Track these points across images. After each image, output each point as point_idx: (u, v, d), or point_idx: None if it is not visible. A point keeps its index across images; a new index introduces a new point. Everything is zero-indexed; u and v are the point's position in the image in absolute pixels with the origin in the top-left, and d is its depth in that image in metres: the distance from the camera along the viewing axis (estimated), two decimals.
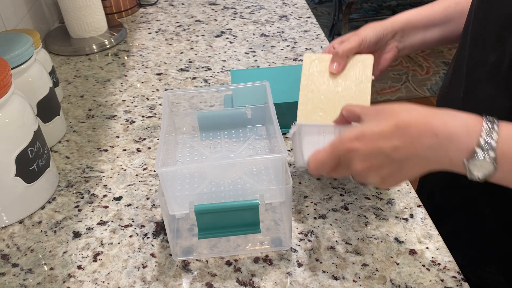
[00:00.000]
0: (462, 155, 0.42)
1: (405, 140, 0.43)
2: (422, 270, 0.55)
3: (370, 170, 0.46)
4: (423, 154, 0.43)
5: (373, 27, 0.66)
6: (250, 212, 0.53)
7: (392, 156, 0.44)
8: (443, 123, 0.42)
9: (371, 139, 0.45)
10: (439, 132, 0.42)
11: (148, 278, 0.56)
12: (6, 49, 0.69)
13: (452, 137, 0.42)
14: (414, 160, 0.44)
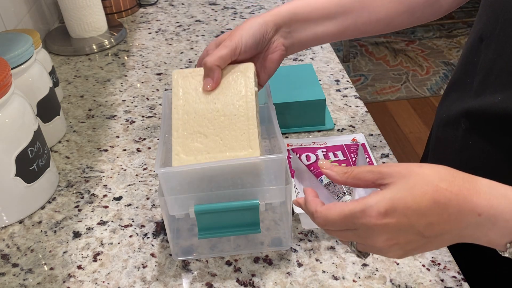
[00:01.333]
0: (506, 238, 0.37)
1: (442, 218, 0.37)
2: (422, 270, 0.55)
3: (394, 246, 0.39)
4: (459, 232, 0.38)
5: (249, 25, 0.56)
6: (250, 212, 0.53)
7: (424, 233, 0.38)
8: (488, 203, 0.37)
9: (404, 215, 0.37)
10: (483, 213, 0.37)
11: (148, 278, 0.56)
12: (6, 49, 0.69)
13: (497, 219, 0.37)
14: (446, 237, 0.39)
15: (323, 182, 0.64)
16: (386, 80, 2.72)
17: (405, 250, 0.40)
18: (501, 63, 0.53)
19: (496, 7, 0.54)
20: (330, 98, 0.88)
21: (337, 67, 0.99)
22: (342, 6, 0.60)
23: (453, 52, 2.93)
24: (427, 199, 0.37)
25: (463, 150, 0.61)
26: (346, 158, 0.67)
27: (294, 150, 0.69)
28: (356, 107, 0.85)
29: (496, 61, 0.53)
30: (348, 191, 0.62)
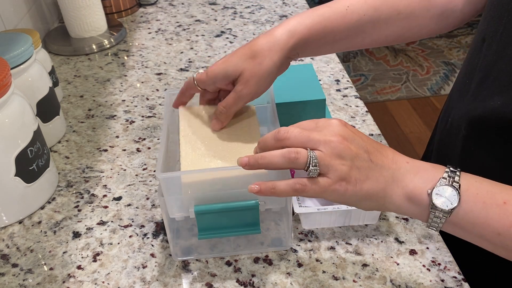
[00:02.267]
0: (427, 185, 0.43)
1: (385, 154, 0.46)
2: (422, 270, 0.55)
3: (345, 151, 0.44)
4: (393, 172, 0.45)
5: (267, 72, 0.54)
6: (250, 212, 0.53)
7: (370, 155, 0.45)
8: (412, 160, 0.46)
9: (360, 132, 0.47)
10: (410, 161, 0.45)
11: (148, 278, 0.56)
12: (6, 49, 0.69)
13: (419, 169, 0.45)
14: (383, 172, 0.45)
15: None
16: (386, 80, 2.72)
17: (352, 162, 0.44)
18: (500, 65, 0.52)
19: (500, 7, 0.53)
20: (330, 98, 0.88)
21: (337, 67, 0.99)
22: (354, 28, 0.59)
23: (453, 52, 2.93)
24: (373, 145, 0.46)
25: (464, 157, 0.61)
26: None
27: None
28: (356, 107, 0.85)
29: (496, 62, 0.53)
30: None
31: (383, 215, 0.63)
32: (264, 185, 0.46)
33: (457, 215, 0.42)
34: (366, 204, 0.45)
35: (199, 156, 0.55)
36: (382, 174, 0.44)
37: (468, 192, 0.42)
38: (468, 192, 0.42)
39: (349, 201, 0.45)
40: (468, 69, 0.60)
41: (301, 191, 0.44)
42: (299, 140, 0.45)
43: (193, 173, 0.52)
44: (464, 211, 0.42)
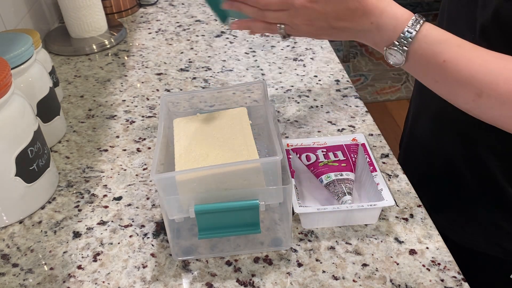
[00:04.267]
0: (384, 43, 0.53)
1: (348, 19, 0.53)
2: (422, 270, 0.55)
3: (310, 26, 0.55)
4: (356, 32, 0.54)
5: None
6: (250, 212, 0.53)
7: (333, 24, 0.54)
8: (380, 15, 0.52)
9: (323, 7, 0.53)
10: (374, 21, 0.52)
11: (148, 278, 0.56)
12: (6, 49, 0.69)
13: (381, 28, 0.52)
14: (347, 33, 0.54)
15: (323, 182, 0.64)
16: (386, 80, 2.72)
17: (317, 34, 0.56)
18: None
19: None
20: (330, 98, 0.88)
21: (337, 67, 0.99)
22: None
23: None
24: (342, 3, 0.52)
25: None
26: (346, 158, 0.67)
27: (294, 150, 0.69)
28: (356, 107, 0.85)
29: None
30: (348, 191, 0.62)
31: (383, 215, 0.63)
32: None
33: (404, 66, 0.53)
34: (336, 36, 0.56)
35: (193, 157, 0.56)
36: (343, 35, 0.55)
37: (415, 54, 0.51)
38: (415, 54, 0.51)
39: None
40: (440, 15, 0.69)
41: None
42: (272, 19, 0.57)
43: (187, 171, 0.52)
44: (410, 65, 0.53)
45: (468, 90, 0.49)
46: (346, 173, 0.65)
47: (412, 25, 0.51)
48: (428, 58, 0.50)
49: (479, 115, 0.51)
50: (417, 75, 0.54)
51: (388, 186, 0.61)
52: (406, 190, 0.67)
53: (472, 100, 0.50)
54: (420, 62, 0.51)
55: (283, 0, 0.54)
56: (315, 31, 0.55)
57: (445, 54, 0.50)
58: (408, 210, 0.63)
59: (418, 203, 0.65)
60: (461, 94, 0.50)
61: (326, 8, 0.53)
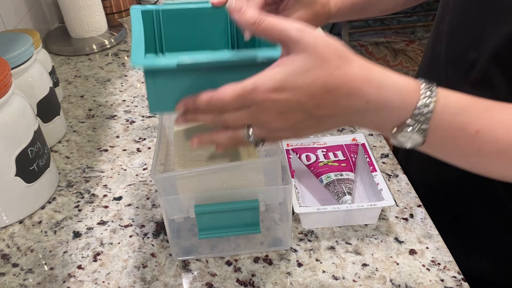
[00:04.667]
0: (392, 124, 0.40)
1: (331, 102, 0.39)
2: (422, 270, 0.55)
3: (284, 123, 0.40)
4: (347, 117, 0.40)
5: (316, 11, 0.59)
6: (250, 212, 0.53)
7: (314, 113, 0.39)
8: (377, 91, 0.38)
9: (293, 94, 0.39)
10: (371, 101, 0.39)
11: (148, 278, 0.56)
12: (6, 49, 0.69)
13: (384, 106, 0.39)
14: (336, 119, 0.41)
15: (323, 182, 0.64)
16: None
17: (296, 129, 0.41)
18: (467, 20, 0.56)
19: None
20: None
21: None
22: None
23: None
24: (317, 84, 0.38)
25: None
26: (346, 158, 0.67)
27: (294, 150, 0.69)
28: None
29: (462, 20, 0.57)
30: (348, 191, 0.62)
31: (383, 215, 0.63)
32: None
33: (422, 147, 0.41)
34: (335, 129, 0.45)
35: (193, 157, 0.56)
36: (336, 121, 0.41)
37: (437, 130, 0.39)
38: (437, 130, 0.39)
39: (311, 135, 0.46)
40: (435, 37, 0.64)
41: None
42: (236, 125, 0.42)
43: (187, 172, 0.52)
44: (431, 145, 0.40)
45: (509, 159, 0.40)
46: (346, 173, 0.65)
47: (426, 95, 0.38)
48: (455, 131, 0.39)
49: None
50: (439, 153, 0.42)
51: (388, 186, 0.61)
52: (406, 190, 0.67)
53: None
54: (444, 138, 0.40)
55: (239, 94, 0.39)
56: (293, 126, 0.41)
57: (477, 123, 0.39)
58: (408, 210, 0.63)
59: (418, 203, 0.65)
60: (499, 165, 0.41)
61: (297, 95, 0.38)
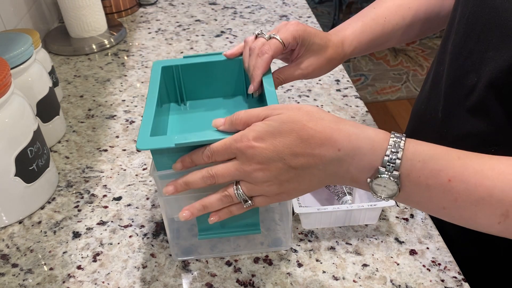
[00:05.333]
0: (365, 173, 0.42)
1: (306, 151, 0.42)
2: (422, 270, 0.55)
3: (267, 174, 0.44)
4: (323, 167, 0.42)
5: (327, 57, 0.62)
6: (250, 212, 0.53)
7: (291, 164, 0.43)
8: (347, 138, 0.41)
9: (271, 143, 0.43)
10: (342, 148, 0.41)
11: (148, 278, 0.56)
12: (6, 49, 0.69)
13: (355, 153, 0.41)
14: (313, 171, 0.43)
15: None
16: (387, 80, 2.72)
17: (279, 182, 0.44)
18: (469, 44, 0.56)
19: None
20: (330, 98, 0.88)
21: (337, 67, 0.99)
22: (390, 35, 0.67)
23: None
24: (293, 134, 0.42)
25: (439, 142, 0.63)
26: None
27: None
28: (356, 107, 0.85)
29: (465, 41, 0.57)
30: (348, 191, 0.62)
31: (383, 215, 0.63)
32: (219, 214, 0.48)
33: (399, 198, 0.42)
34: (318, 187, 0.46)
35: None
36: (314, 175, 0.43)
37: (409, 177, 0.40)
38: (409, 177, 0.40)
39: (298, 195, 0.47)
40: (440, 55, 0.64)
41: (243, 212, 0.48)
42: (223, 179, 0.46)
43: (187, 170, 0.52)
44: (407, 195, 0.42)
45: (489, 211, 0.39)
46: None
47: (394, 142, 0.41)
48: (427, 180, 0.40)
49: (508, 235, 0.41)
50: (420, 205, 0.43)
51: None
52: None
53: (498, 222, 0.40)
54: (419, 187, 0.41)
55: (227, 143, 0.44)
56: (275, 178, 0.44)
57: (449, 171, 0.40)
58: (409, 210, 0.63)
59: None
60: (481, 217, 0.40)
61: (275, 144, 0.42)
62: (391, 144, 0.41)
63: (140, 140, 0.47)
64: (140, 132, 0.49)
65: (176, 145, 0.46)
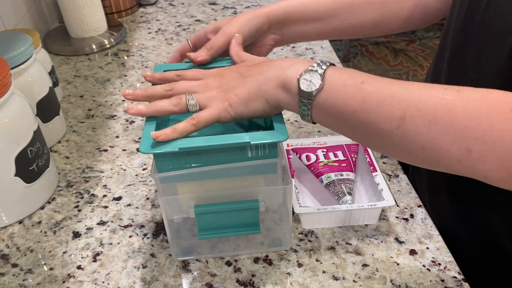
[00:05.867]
0: (298, 72, 0.47)
1: (259, 63, 0.52)
2: (422, 270, 0.55)
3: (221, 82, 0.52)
4: (267, 72, 0.50)
5: (247, 20, 0.62)
6: (250, 212, 0.53)
7: (244, 73, 0.51)
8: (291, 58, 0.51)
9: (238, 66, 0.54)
10: (286, 60, 0.50)
11: (148, 278, 0.56)
12: (6, 49, 0.69)
13: (295, 61, 0.49)
14: (257, 77, 0.50)
15: (323, 182, 0.64)
16: None
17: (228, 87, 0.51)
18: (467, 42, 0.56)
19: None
20: None
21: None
22: (331, 9, 0.66)
23: None
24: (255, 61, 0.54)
25: None
26: (346, 158, 0.67)
27: (294, 150, 0.69)
28: None
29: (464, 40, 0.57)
30: (348, 191, 0.62)
31: (383, 215, 0.63)
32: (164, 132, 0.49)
33: (320, 97, 0.46)
34: (254, 106, 0.50)
35: None
36: (257, 79, 0.50)
37: (331, 77, 0.46)
38: (331, 77, 0.46)
39: (240, 110, 0.50)
40: (440, 52, 0.64)
41: (197, 122, 0.50)
42: (182, 89, 0.53)
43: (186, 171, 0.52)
44: (327, 93, 0.46)
45: (390, 113, 0.42)
46: (346, 173, 0.64)
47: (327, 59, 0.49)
48: (345, 80, 0.45)
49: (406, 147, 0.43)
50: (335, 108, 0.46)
51: (388, 186, 0.61)
52: (406, 190, 0.67)
53: (397, 127, 0.42)
54: (336, 85, 0.46)
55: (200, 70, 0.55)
56: (225, 84, 0.51)
57: (364, 77, 0.46)
58: (409, 210, 0.63)
59: (419, 203, 0.64)
60: (383, 120, 0.43)
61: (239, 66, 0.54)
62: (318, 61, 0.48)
63: (143, 143, 0.47)
64: (143, 135, 0.49)
65: (180, 150, 0.47)
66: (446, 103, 0.40)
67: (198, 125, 0.49)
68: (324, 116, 0.47)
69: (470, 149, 0.39)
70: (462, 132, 0.39)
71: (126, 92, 0.53)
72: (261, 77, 0.50)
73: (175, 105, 0.51)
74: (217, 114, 0.50)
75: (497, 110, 0.38)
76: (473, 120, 0.39)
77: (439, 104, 0.40)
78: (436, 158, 0.42)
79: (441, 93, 0.41)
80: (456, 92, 0.41)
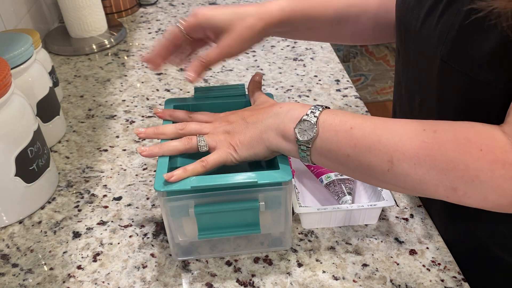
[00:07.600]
0: (294, 123, 0.50)
1: (259, 110, 0.55)
2: (422, 270, 0.55)
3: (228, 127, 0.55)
4: (265, 120, 0.53)
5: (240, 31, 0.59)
6: (250, 212, 0.53)
7: (247, 119, 0.55)
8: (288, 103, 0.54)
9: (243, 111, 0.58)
10: (283, 106, 0.53)
11: (148, 278, 0.56)
12: (6, 49, 0.69)
13: (290, 108, 0.52)
14: (258, 125, 0.53)
15: (323, 182, 0.64)
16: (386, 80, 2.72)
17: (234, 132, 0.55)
18: None
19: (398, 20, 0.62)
20: (330, 98, 0.88)
21: (337, 67, 0.99)
22: (334, 19, 0.67)
23: None
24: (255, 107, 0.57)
25: None
26: None
27: None
28: (356, 107, 0.85)
29: None
30: (348, 191, 0.62)
31: (383, 215, 0.63)
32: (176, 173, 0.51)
33: (317, 144, 0.49)
34: (256, 151, 0.53)
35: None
36: (257, 127, 0.53)
37: (324, 124, 0.49)
38: (324, 124, 0.49)
39: (243, 155, 0.54)
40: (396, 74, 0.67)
41: (206, 164, 0.52)
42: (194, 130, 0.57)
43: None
44: (321, 140, 0.49)
45: (379, 157, 0.46)
46: None
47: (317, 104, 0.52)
48: (336, 126, 0.48)
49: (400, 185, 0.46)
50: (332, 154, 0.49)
51: None
52: None
53: (387, 169, 0.45)
54: (329, 132, 0.49)
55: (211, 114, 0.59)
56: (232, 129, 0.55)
57: (352, 122, 0.48)
58: (408, 210, 0.63)
59: (418, 203, 0.65)
60: (374, 164, 0.46)
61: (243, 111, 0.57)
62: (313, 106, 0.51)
63: (157, 181, 0.50)
64: (157, 173, 0.52)
65: (192, 188, 0.50)
66: (426, 147, 0.43)
67: (207, 166, 0.52)
68: (323, 159, 0.50)
69: (454, 188, 0.43)
70: (444, 173, 0.43)
71: (139, 131, 0.57)
72: (261, 125, 0.53)
73: (185, 145, 0.55)
74: (224, 157, 0.53)
75: (469, 152, 0.42)
76: (450, 163, 0.42)
77: (419, 148, 0.44)
78: (429, 194, 0.45)
79: (421, 136, 0.44)
80: (432, 134, 0.44)
